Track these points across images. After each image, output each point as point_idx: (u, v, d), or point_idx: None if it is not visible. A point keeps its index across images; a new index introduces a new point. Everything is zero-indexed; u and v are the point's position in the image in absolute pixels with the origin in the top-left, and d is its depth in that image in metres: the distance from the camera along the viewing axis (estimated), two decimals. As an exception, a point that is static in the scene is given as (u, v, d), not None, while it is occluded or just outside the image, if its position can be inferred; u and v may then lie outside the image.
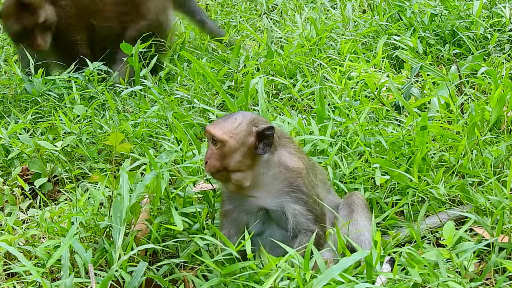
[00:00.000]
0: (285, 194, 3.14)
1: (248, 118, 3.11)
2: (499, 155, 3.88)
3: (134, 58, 5.33)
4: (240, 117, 3.11)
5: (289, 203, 3.13)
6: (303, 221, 3.14)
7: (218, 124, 3.11)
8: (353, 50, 5.65)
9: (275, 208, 3.16)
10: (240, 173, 3.09)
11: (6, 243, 3.30)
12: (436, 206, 3.63)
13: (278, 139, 3.18)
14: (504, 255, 3.16)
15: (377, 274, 2.90)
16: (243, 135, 3.06)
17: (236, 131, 3.06)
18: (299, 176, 3.15)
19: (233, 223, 3.25)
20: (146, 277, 3.16)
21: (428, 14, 5.91)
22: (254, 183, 3.13)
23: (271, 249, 3.16)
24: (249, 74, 5.10)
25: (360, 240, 3.24)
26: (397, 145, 3.99)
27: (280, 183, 3.14)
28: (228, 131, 3.06)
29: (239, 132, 3.06)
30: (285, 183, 3.14)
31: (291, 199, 3.13)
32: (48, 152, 4.46)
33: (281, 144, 3.20)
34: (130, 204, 3.33)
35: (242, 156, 3.07)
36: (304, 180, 3.16)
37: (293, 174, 3.14)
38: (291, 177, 3.14)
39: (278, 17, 7.46)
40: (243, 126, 3.08)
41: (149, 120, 4.69)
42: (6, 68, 6.65)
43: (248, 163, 3.08)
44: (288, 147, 3.22)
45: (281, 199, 3.14)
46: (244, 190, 3.15)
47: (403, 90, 4.73)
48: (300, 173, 3.16)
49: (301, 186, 3.14)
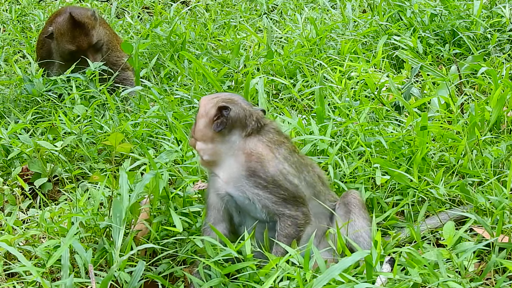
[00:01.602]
0: (243, 179, 3.16)
1: (227, 96, 3.28)
2: (499, 155, 3.88)
3: (135, 58, 5.34)
4: (223, 94, 3.33)
5: (249, 188, 3.15)
6: (270, 206, 3.14)
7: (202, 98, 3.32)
8: (353, 50, 5.65)
9: (238, 193, 3.17)
10: (202, 143, 3.21)
11: (6, 243, 3.30)
12: (436, 206, 3.63)
13: (258, 128, 3.21)
14: (504, 255, 3.16)
15: (377, 274, 2.90)
16: (209, 106, 3.20)
17: (207, 101, 3.24)
18: (257, 161, 3.15)
19: (216, 212, 3.28)
20: (146, 278, 3.16)
21: (428, 14, 5.91)
22: (216, 161, 3.21)
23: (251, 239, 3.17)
24: (249, 74, 5.10)
25: (358, 241, 3.23)
26: (397, 145, 3.99)
27: (240, 167, 3.17)
28: (203, 100, 3.27)
29: (208, 103, 3.22)
30: (244, 167, 3.16)
31: (250, 183, 3.15)
32: (48, 152, 4.46)
33: (258, 133, 3.21)
34: (130, 204, 3.34)
35: (203, 126, 3.21)
36: (264, 165, 3.15)
37: (252, 158, 3.16)
38: (249, 160, 3.16)
39: (278, 17, 7.46)
40: (215, 99, 3.22)
41: (149, 120, 4.69)
42: (6, 68, 6.65)
43: (208, 135, 3.19)
44: (264, 137, 3.22)
45: (240, 183, 3.16)
46: (209, 165, 3.25)
47: (403, 90, 4.73)
48: (259, 158, 3.16)
49: (258, 171, 3.14)
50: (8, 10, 8.58)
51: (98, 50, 5.71)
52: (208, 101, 3.23)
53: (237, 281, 3.04)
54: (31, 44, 7.14)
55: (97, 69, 5.41)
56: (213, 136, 3.19)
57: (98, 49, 5.70)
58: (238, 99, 3.25)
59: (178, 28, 6.64)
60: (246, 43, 6.54)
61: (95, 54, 5.66)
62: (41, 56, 5.91)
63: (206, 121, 3.19)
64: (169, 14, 7.36)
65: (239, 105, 3.21)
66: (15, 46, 7.54)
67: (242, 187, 3.16)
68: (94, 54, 5.66)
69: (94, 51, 5.67)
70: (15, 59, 6.80)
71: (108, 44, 5.85)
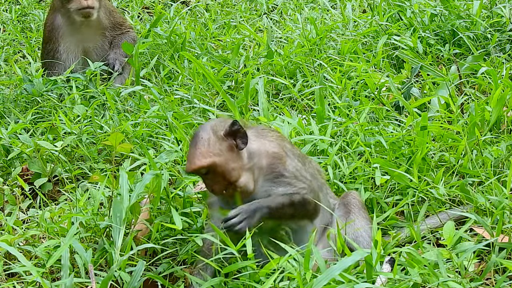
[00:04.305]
0: (269, 182, 3.15)
1: (209, 129, 3.08)
2: (499, 155, 3.88)
3: (135, 59, 5.34)
4: (203, 134, 3.07)
5: (274, 189, 3.15)
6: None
7: (193, 157, 3.05)
8: (353, 50, 5.65)
9: (263, 196, 3.15)
10: (242, 178, 3.07)
11: (6, 243, 3.30)
12: (436, 206, 3.63)
13: (256, 132, 3.21)
14: (504, 255, 3.16)
15: (377, 274, 2.90)
16: (218, 146, 3.05)
17: (211, 148, 3.04)
18: (280, 162, 3.16)
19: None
20: (146, 277, 3.16)
21: (428, 14, 5.91)
22: (254, 181, 3.12)
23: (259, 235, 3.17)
24: (249, 74, 5.10)
25: (358, 241, 3.24)
26: (397, 145, 3.99)
27: (264, 171, 3.15)
28: (206, 154, 3.03)
29: (213, 146, 3.04)
30: (268, 170, 3.15)
31: (276, 185, 3.15)
32: (48, 152, 4.46)
33: (262, 135, 3.22)
34: (130, 204, 3.34)
35: (233, 162, 3.07)
36: (285, 165, 3.16)
37: (273, 160, 3.16)
38: (272, 163, 3.15)
39: (278, 17, 7.46)
40: (212, 139, 3.06)
41: (149, 120, 4.69)
42: (6, 68, 6.65)
43: (240, 163, 3.08)
44: (267, 136, 3.25)
45: (267, 187, 3.16)
46: (250, 193, 3.12)
47: (403, 90, 4.73)
48: (280, 158, 3.17)
49: (282, 171, 3.15)
50: (8, 10, 8.58)
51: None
52: (212, 151, 3.04)
53: (237, 281, 3.05)
54: (31, 44, 7.15)
55: (97, 69, 5.41)
56: (242, 161, 3.09)
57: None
58: (212, 121, 3.18)
59: (178, 28, 6.64)
60: (246, 43, 6.54)
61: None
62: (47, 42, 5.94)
63: (231, 157, 3.07)
64: (169, 14, 7.35)
65: (224, 119, 3.19)
66: (15, 46, 7.54)
67: (268, 191, 3.15)
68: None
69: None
70: (15, 59, 6.81)
71: (109, 6, 5.99)
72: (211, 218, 3.28)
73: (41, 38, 6.24)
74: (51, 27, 5.86)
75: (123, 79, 5.76)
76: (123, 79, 5.76)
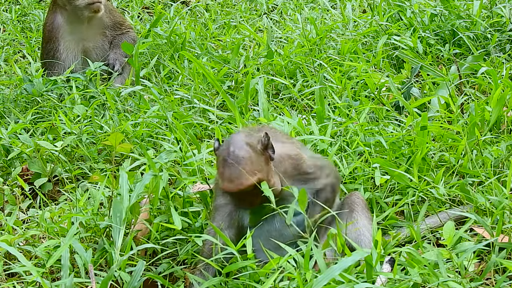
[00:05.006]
0: (298, 182, 3.23)
1: (245, 145, 3.02)
2: (499, 155, 3.88)
3: (135, 59, 5.34)
4: (241, 152, 2.99)
5: (300, 187, 3.18)
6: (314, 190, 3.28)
7: (238, 177, 2.98)
8: (353, 50, 5.65)
9: (289, 196, 3.19)
10: (275, 184, 3.12)
11: (6, 243, 3.30)
12: (436, 206, 3.63)
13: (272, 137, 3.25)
14: (504, 255, 3.15)
15: (377, 274, 2.90)
16: (259, 162, 3.03)
17: (254, 166, 3.00)
18: (302, 162, 3.25)
19: (225, 217, 3.26)
20: (146, 277, 3.16)
21: (428, 14, 5.90)
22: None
23: (266, 240, 3.20)
24: (249, 74, 5.10)
25: (360, 239, 3.25)
26: (397, 145, 3.99)
27: (288, 173, 3.21)
28: (251, 172, 2.98)
29: (256, 164, 3.01)
30: (294, 172, 3.23)
31: (301, 183, 3.23)
32: (48, 152, 4.46)
33: (274, 138, 3.24)
34: (130, 204, 3.34)
35: (270, 173, 3.10)
36: (306, 162, 3.26)
37: (295, 161, 3.24)
38: (295, 164, 3.23)
39: (278, 17, 7.46)
40: (253, 156, 3.02)
41: (149, 120, 4.69)
42: (6, 68, 6.65)
43: (272, 171, 3.13)
44: (278, 138, 3.31)
45: (293, 187, 3.18)
46: (278, 195, 3.14)
47: (403, 90, 4.73)
48: (301, 159, 3.26)
49: (306, 169, 3.25)
50: (8, 10, 8.58)
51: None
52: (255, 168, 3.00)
53: (238, 280, 3.05)
54: (31, 44, 7.14)
55: (97, 69, 5.41)
56: (272, 170, 3.13)
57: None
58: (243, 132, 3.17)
59: (178, 28, 6.64)
60: (246, 43, 6.54)
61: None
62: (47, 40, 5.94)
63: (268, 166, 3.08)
64: (169, 14, 7.35)
65: (251, 129, 3.29)
66: (15, 46, 7.54)
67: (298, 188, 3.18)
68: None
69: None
70: (15, 59, 6.80)
71: (109, 5, 6.03)
72: (213, 219, 3.28)
73: (41, 38, 6.23)
74: (51, 26, 5.86)
75: (123, 79, 5.76)
76: (123, 79, 5.76)
